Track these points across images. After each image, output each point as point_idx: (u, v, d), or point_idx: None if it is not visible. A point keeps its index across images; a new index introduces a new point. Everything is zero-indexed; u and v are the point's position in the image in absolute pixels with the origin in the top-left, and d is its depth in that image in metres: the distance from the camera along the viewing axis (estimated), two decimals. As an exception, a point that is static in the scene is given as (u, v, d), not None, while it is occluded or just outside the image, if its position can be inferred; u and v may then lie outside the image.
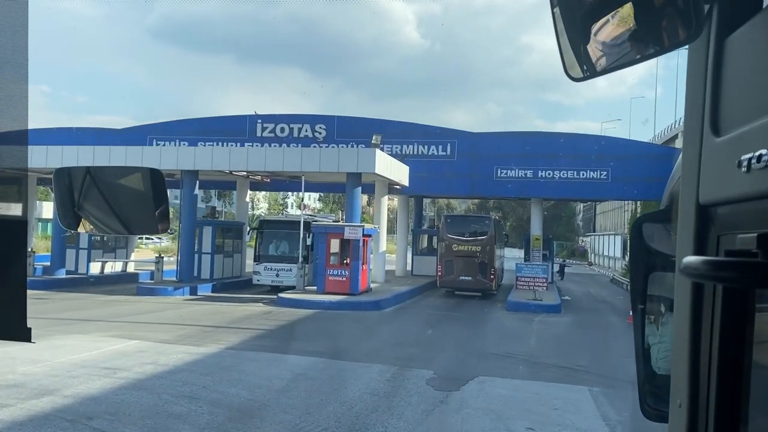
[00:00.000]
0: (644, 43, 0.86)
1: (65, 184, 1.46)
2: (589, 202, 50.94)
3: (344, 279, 20.01)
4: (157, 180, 1.47)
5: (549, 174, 27.43)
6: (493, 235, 23.79)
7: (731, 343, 0.79)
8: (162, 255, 23.09)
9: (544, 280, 21.06)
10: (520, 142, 27.71)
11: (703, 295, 0.84)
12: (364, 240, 20.71)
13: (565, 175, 27.37)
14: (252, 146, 23.34)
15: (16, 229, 1.20)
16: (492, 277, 23.12)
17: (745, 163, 0.72)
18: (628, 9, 0.84)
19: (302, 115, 28.83)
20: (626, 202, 50.67)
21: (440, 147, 28.09)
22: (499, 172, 27.71)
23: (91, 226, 1.55)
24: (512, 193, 28.34)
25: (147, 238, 45.12)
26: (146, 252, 38.20)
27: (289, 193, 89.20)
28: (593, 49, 0.90)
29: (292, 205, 76.70)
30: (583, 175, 27.25)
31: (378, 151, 21.54)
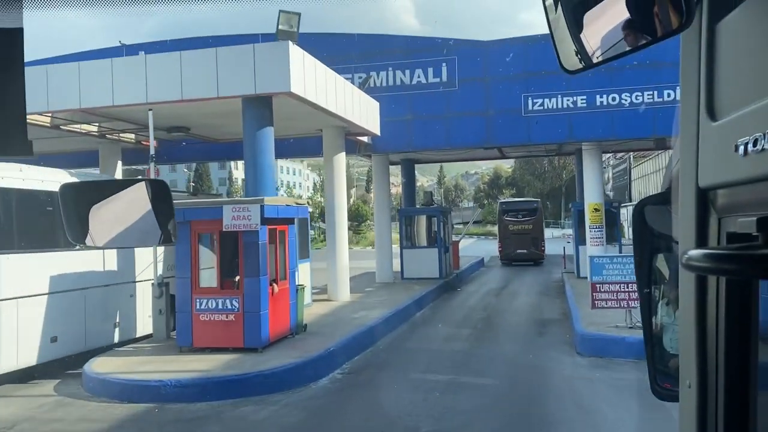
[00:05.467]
0: (637, 32, 0.86)
1: (71, 198, 1.50)
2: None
3: (231, 318, 9.35)
4: (161, 190, 1.48)
5: (613, 99, 16.57)
6: (540, 215, 29.58)
7: (737, 326, 0.80)
8: None
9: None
10: (561, 51, 16.80)
11: (707, 282, 0.84)
12: (278, 231, 10.06)
13: (639, 98, 16.51)
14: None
15: (11, 37, 1.01)
16: (542, 249, 28.13)
17: (741, 147, 0.72)
18: None
19: (196, 38, 17.81)
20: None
21: (431, 70, 17.21)
22: (530, 103, 16.87)
23: (100, 240, 1.52)
24: (554, 136, 17.38)
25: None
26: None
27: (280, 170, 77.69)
28: (588, 40, 0.90)
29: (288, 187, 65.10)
30: (668, 95, 16.38)
31: (295, 49, 10.68)
